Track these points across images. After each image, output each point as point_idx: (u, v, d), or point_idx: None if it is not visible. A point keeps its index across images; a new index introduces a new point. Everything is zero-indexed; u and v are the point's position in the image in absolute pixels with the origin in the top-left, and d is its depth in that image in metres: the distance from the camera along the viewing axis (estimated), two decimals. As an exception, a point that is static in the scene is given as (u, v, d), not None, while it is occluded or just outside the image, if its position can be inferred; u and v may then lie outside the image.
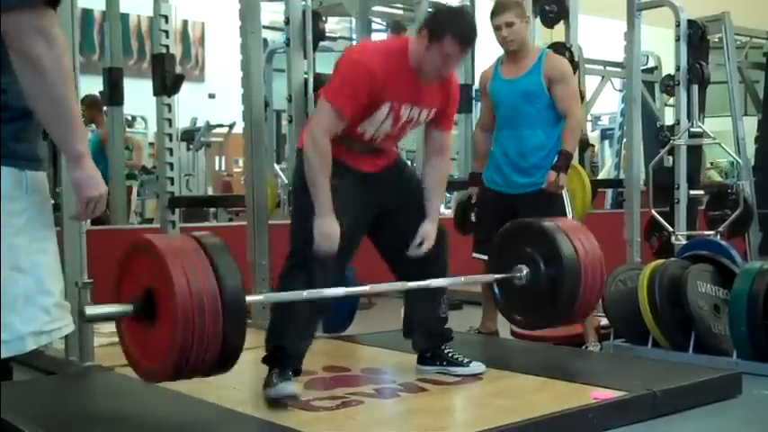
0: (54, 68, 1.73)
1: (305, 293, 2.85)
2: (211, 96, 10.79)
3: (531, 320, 3.55)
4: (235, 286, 2.37)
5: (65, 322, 1.91)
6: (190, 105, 4.52)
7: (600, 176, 9.97)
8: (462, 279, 3.47)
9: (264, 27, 5.01)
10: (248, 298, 2.55)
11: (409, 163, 8.87)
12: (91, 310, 2.43)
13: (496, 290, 3.58)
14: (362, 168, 3.11)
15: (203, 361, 2.35)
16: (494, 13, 3.97)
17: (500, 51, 4.13)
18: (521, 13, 3.98)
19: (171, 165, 4.58)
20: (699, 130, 5.59)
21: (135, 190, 7.94)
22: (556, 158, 3.93)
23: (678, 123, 5.66)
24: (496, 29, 3.97)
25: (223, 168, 10.15)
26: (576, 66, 5.39)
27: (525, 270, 3.37)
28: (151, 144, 8.64)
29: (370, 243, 3.25)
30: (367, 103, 2.93)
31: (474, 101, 7.41)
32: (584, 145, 7.22)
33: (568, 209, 4.06)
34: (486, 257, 3.83)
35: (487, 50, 4.41)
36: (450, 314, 3.46)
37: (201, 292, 2.30)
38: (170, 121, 4.62)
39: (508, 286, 3.46)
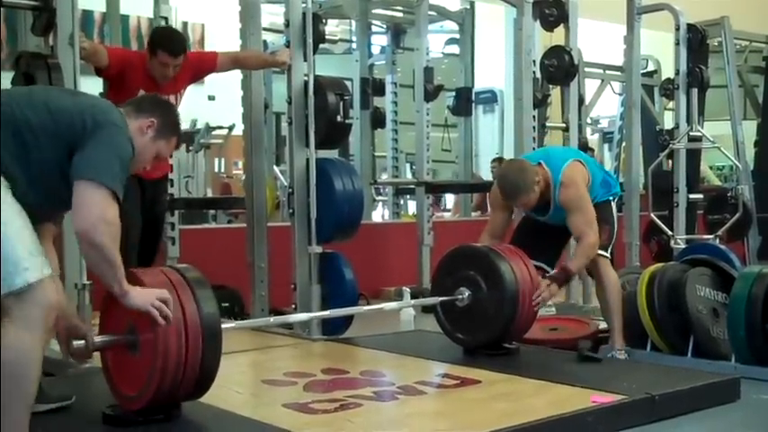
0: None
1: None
2: (211, 98, 10.74)
3: (471, 339, 3.67)
4: (213, 315, 2.54)
5: None
6: (189, 107, 4.51)
7: (599, 180, 9.93)
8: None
9: (264, 29, 5.01)
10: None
11: (408, 165, 8.93)
12: (98, 339, 2.59)
13: (439, 310, 3.73)
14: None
15: (180, 387, 2.50)
16: (506, 199, 3.82)
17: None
18: (528, 189, 3.73)
19: (171, 166, 4.58)
20: (698, 133, 5.60)
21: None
22: (556, 270, 3.77)
23: (677, 127, 5.68)
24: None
25: (222, 170, 10.13)
26: (575, 69, 5.41)
27: (467, 292, 3.61)
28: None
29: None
30: (123, 75, 3.92)
31: (474, 104, 7.43)
32: (584, 148, 7.22)
33: (614, 216, 3.99)
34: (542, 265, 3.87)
35: (485, 52, 4.40)
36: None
37: (180, 322, 2.46)
38: (170, 122, 4.61)
39: (450, 307, 3.68)
